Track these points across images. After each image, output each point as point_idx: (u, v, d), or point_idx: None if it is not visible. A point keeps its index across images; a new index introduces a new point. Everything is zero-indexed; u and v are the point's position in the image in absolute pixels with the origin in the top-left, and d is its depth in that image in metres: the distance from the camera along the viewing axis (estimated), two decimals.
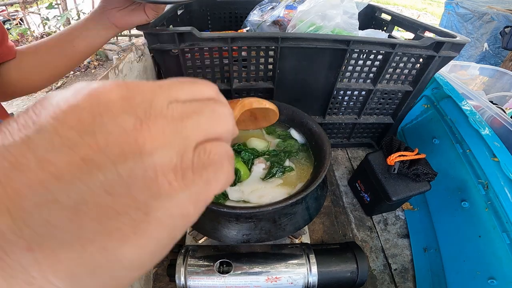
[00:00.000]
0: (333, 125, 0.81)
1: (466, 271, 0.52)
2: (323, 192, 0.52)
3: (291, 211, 0.45)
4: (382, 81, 0.69)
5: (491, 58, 2.49)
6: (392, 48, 0.61)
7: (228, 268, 0.45)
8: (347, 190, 0.78)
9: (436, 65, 0.64)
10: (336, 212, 0.72)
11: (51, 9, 2.65)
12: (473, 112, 0.61)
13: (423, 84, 0.70)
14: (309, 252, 0.48)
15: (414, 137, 0.79)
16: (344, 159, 0.87)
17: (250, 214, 0.42)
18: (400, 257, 0.65)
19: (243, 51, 0.60)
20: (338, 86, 0.69)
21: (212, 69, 0.63)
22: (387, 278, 0.61)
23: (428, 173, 0.59)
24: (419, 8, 6.29)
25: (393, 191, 0.60)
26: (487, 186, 0.52)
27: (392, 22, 0.82)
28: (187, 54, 0.58)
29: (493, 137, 0.55)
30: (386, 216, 0.73)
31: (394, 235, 0.69)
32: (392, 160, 0.61)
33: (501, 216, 0.48)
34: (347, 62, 0.64)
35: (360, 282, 0.48)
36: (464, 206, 0.56)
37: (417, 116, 0.80)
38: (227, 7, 0.95)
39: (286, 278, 0.46)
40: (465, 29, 2.58)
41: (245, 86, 0.66)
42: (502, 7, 2.39)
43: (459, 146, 0.61)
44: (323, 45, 0.59)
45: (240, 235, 0.44)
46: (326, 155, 0.46)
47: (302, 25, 0.68)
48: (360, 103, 0.76)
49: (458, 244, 0.56)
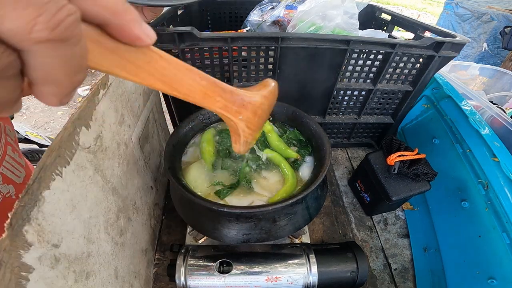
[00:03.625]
0: (333, 125, 0.81)
1: (466, 271, 0.52)
2: (323, 192, 0.52)
3: (291, 211, 0.45)
4: (382, 81, 0.69)
5: (490, 58, 2.50)
6: (392, 48, 0.61)
7: (228, 268, 0.45)
8: (347, 190, 0.78)
9: (436, 65, 0.64)
10: (336, 212, 0.72)
11: None
12: (473, 112, 0.61)
13: (423, 84, 0.70)
14: (309, 252, 0.48)
15: (414, 137, 0.79)
16: (344, 159, 0.87)
17: (250, 214, 0.42)
18: (400, 257, 0.65)
19: (243, 51, 0.60)
20: (338, 86, 0.69)
21: (212, 69, 0.63)
22: (387, 278, 0.61)
23: (428, 173, 0.59)
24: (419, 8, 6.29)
25: (393, 191, 0.60)
26: (487, 186, 0.52)
27: (392, 22, 0.82)
28: (187, 54, 0.58)
29: (493, 137, 0.55)
30: (386, 216, 0.73)
31: (394, 235, 0.69)
32: (392, 160, 0.61)
33: (501, 216, 0.48)
34: (347, 62, 0.64)
35: (360, 282, 0.48)
36: (464, 206, 0.56)
37: (417, 116, 0.80)
38: (227, 7, 0.95)
39: (286, 278, 0.46)
40: (462, 29, 2.59)
41: (245, 86, 0.66)
42: (502, 7, 2.39)
43: (459, 146, 0.61)
44: (323, 45, 0.59)
45: (240, 235, 0.44)
46: (326, 155, 0.47)
47: (302, 25, 0.68)
48: (360, 103, 0.76)
49: (458, 244, 0.56)
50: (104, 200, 0.38)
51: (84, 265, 0.32)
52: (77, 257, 0.30)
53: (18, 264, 0.21)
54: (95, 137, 0.35)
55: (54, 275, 0.26)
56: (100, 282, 0.35)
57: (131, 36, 0.16)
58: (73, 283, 0.29)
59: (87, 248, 0.33)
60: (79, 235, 0.31)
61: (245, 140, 0.32)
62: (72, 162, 0.30)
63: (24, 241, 0.22)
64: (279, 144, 0.53)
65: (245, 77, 0.66)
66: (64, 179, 0.28)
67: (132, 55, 0.18)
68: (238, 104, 0.28)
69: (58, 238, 0.27)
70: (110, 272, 0.38)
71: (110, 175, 0.40)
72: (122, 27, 0.16)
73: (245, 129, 0.30)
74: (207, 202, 0.39)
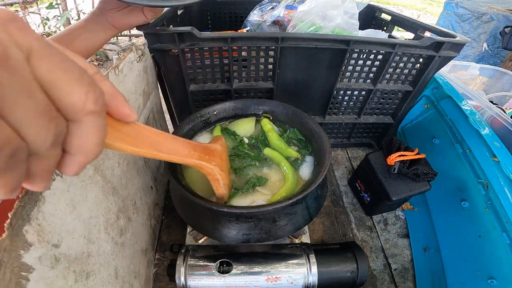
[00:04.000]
0: (333, 125, 0.81)
1: (466, 271, 0.52)
2: (323, 192, 0.52)
3: (291, 211, 0.45)
4: (382, 81, 0.69)
5: (490, 58, 2.50)
6: (392, 48, 0.61)
7: (228, 268, 0.45)
8: (347, 190, 0.78)
9: (436, 65, 0.64)
10: (336, 212, 0.72)
11: (51, 9, 2.64)
12: (473, 112, 0.61)
13: (423, 84, 0.70)
14: (309, 252, 0.48)
15: (414, 137, 0.79)
16: (344, 159, 0.87)
17: (250, 214, 0.42)
18: (400, 257, 0.65)
19: (243, 51, 0.60)
20: (338, 86, 0.69)
21: (212, 69, 0.63)
22: (387, 278, 0.61)
23: (428, 173, 0.59)
24: (419, 8, 6.29)
25: (393, 191, 0.60)
26: (487, 186, 0.52)
27: (392, 22, 0.82)
28: (187, 54, 0.58)
29: (493, 137, 0.55)
30: (386, 216, 0.73)
31: (394, 235, 0.69)
32: (392, 160, 0.61)
33: (501, 216, 0.48)
34: (347, 62, 0.64)
35: (360, 282, 0.48)
36: (464, 206, 0.56)
37: (417, 116, 0.80)
38: (227, 7, 0.95)
39: (286, 278, 0.46)
40: (462, 29, 2.59)
41: (245, 86, 0.66)
42: (502, 7, 2.39)
43: (459, 146, 0.61)
44: (323, 45, 0.59)
45: (240, 235, 0.44)
46: (326, 155, 0.46)
47: (302, 25, 0.68)
48: (360, 103, 0.76)
49: (458, 244, 0.56)
50: (104, 200, 0.38)
51: (84, 265, 0.32)
52: (77, 257, 0.30)
53: (18, 264, 0.21)
54: None
55: (54, 275, 0.26)
56: (100, 282, 0.35)
57: (124, 114, 0.20)
58: (73, 283, 0.29)
59: (87, 248, 0.33)
60: (79, 235, 0.31)
61: (224, 183, 0.38)
62: None
63: (24, 241, 0.22)
64: (279, 144, 0.53)
65: (245, 77, 0.66)
66: (64, 179, 0.28)
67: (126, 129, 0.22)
68: (208, 153, 0.35)
69: (58, 238, 0.27)
70: (110, 272, 0.38)
71: (110, 175, 0.40)
72: (117, 108, 0.19)
73: (220, 172, 0.36)
74: (207, 202, 0.39)
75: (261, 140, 0.55)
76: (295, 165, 0.51)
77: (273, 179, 0.50)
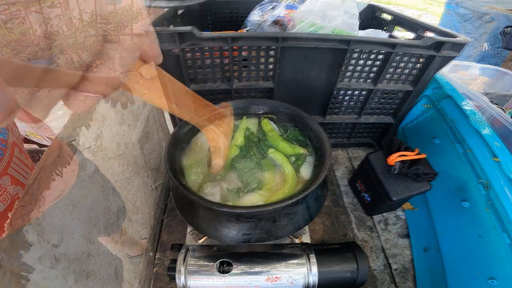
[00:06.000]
0: (333, 125, 0.81)
1: (466, 271, 0.52)
2: (323, 192, 0.51)
3: (291, 211, 0.45)
4: (383, 81, 0.69)
5: (491, 58, 2.49)
6: (392, 48, 0.61)
7: (228, 267, 0.45)
8: (347, 190, 0.78)
9: (436, 65, 0.64)
10: (336, 212, 0.72)
11: (53, 8, 2.65)
12: (474, 112, 0.61)
13: (424, 84, 0.70)
14: (309, 252, 0.48)
15: (414, 137, 0.79)
16: (344, 159, 0.87)
17: (250, 214, 0.42)
18: (401, 257, 0.65)
19: (244, 51, 0.60)
20: (338, 86, 0.69)
21: (212, 69, 0.63)
22: (387, 278, 0.61)
23: (428, 173, 0.59)
24: (419, 8, 6.28)
25: (393, 191, 0.60)
26: (487, 186, 0.52)
27: (392, 22, 0.82)
28: (187, 54, 0.58)
29: (493, 137, 0.55)
30: (387, 216, 0.73)
31: (395, 235, 0.69)
32: (392, 160, 0.61)
33: (501, 216, 0.48)
34: (347, 62, 0.64)
35: (360, 282, 0.48)
36: (465, 206, 0.56)
37: (417, 116, 0.80)
38: (227, 7, 0.95)
39: (286, 278, 0.46)
40: (464, 29, 2.58)
41: (245, 86, 0.66)
42: (502, 7, 2.39)
43: (460, 146, 0.61)
44: (323, 45, 0.59)
45: (240, 235, 0.44)
46: (326, 155, 0.46)
47: (302, 25, 0.68)
48: (361, 103, 0.76)
49: (458, 244, 0.56)
50: (104, 200, 0.38)
51: (84, 265, 0.32)
52: (77, 257, 0.30)
53: (18, 264, 0.21)
54: (95, 137, 0.35)
55: (54, 275, 0.26)
56: (100, 282, 0.35)
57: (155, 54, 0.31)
58: (73, 283, 0.29)
59: (87, 248, 0.33)
60: (79, 235, 0.31)
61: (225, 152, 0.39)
62: (72, 162, 0.30)
63: (24, 241, 0.22)
64: (283, 144, 0.53)
65: (245, 77, 0.66)
66: (64, 179, 0.28)
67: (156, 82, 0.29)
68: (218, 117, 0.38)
69: (58, 238, 0.27)
70: (110, 272, 0.38)
71: (110, 175, 0.40)
72: None
73: (224, 140, 0.38)
74: (207, 202, 0.39)
75: (263, 141, 0.55)
76: (296, 166, 0.51)
77: (274, 180, 0.50)
